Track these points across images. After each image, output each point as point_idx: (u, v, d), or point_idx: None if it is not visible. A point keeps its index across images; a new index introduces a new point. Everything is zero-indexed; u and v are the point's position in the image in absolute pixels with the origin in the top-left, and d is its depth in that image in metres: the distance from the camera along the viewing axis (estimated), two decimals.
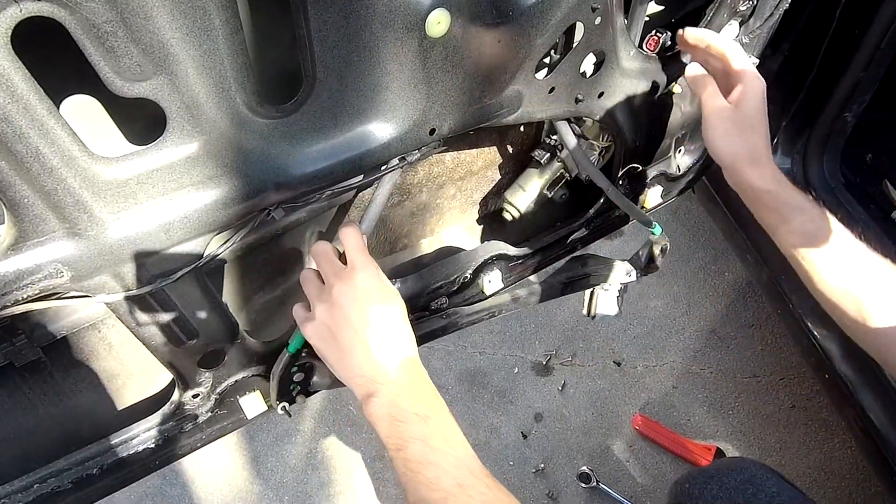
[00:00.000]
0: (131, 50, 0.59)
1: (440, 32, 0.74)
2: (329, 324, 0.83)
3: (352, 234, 0.85)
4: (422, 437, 0.77)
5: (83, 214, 0.67)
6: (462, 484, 0.75)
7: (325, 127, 0.78)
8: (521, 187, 1.23)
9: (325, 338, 0.84)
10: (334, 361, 0.84)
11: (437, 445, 0.77)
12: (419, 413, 0.78)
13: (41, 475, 0.99)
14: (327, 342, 0.84)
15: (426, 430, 0.78)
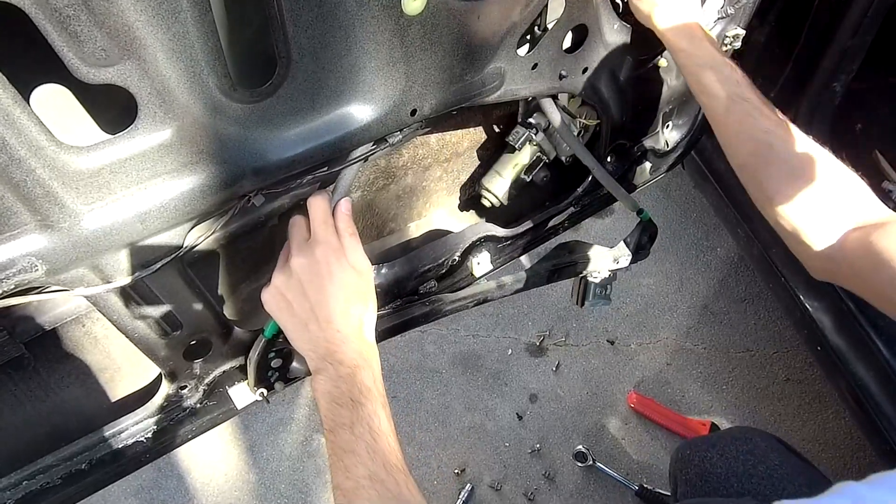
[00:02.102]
0: (95, 34, 0.57)
1: (417, 9, 0.72)
2: (286, 294, 0.82)
3: (317, 205, 0.83)
4: (349, 424, 0.77)
5: (55, 206, 0.66)
6: (373, 476, 0.74)
7: (302, 110, 0.76)
8: (498, 173, 1.19)
9: (282, 307, 0.83)
10: (290, 332, 0.84)
11: (360, 434, 0.76)
12: (354, 398, 0.78)
13: (30, 472, 0.98)
14: (283, 312, 0.83)
15: (354, 417, 0.77)
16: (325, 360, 0.80)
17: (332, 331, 0.80)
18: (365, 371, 0.80)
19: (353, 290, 0.81)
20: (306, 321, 0.81)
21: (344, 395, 0.78)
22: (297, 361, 1.07)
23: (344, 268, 0.81)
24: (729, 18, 1.19)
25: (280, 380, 1.08)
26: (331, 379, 0.80)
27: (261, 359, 1.01)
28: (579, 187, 1.30)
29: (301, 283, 0.80)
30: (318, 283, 0.80)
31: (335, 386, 0.79)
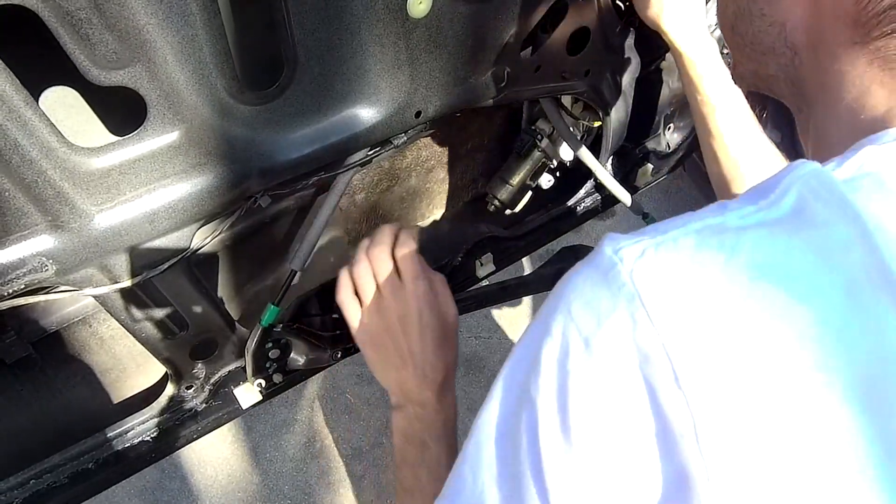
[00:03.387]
0: (107, 37, 0.58)
1: (422, 12, 0.73)
2: (380, 335, 0.83)
3: (406, 246, 0.83)
4: (414, 463, 0.80)
5: (65, 207, 0.66)
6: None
7: (308, 112, 0.77)
8: (503, 180, 1.20)
9: (376, 347, 0.85)
10: (376, 367, 0.86)
11: (420, 476, 0.79)
12: (423, 441, 0.80)
13: (37, 471, 0.99)
14: (377, 351, 0.85)
15: (419, 459, 0.80)
16: (408, 399, 0.82)
17: (420, 376, 0.81)
18: (439, 416, 0.81)
19: (443, 339, 0.83)
20: (398, 365, 0.82)
21: (416, 436, 0.81)
22: (295, 352, 1.08)
23: (436, 317, 0.82)
24: None
25: (279, 371, 1.09)
26: (407, 418, 0.82)
27: (258, 348, 1.01)
28: (581, 189, 1.31)
29: (395, 327, 0.82)
30: (412, 330, 0.81)
31: (410, 425, 0.82)
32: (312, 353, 1.12)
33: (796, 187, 0.40)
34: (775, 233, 0.39)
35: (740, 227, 0.40)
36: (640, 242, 0.41)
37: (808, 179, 0.41)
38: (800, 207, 0.40)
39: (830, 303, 0.37)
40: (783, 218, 0.40)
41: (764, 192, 0.41)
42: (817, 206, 0.39)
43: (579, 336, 0.41)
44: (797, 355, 0.36)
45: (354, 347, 1.20)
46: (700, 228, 0.40)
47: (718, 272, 0.38)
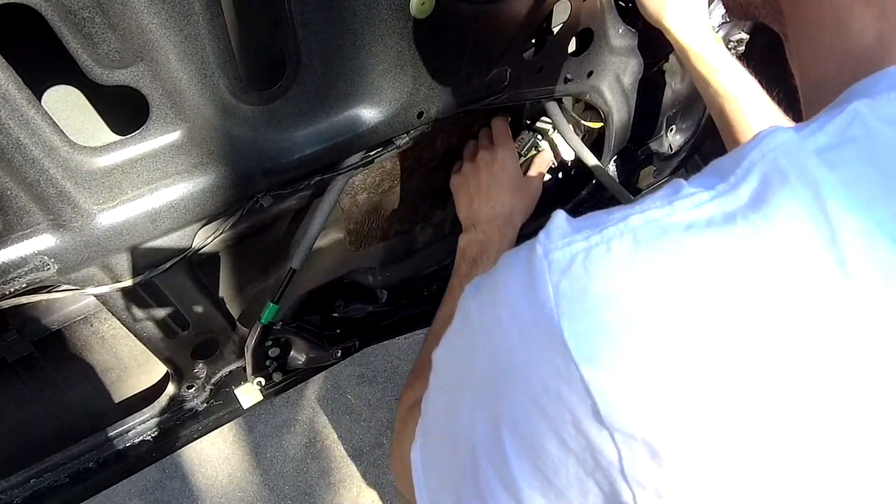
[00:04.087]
0: (109, 37, 0.58)
1: (425, 12, 0.73)
2: (467, 175, 1.05)
3: (499, 122, 1.08)
4: (462, 274, 0.96)
5: (67, 206, 0.66)
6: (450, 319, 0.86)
7: (311, 112, 0.77)
8: None
9: (461, 184, 1.06)
10: (460, 202, 1.07)
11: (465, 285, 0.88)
12: (476, 259, 0.96)
13: (37, 470, 0.99)
14: (461, 187, 1.06)
15: (467, 272, 0.96)
16: (473, 225, 1.02)
17: (488, 207, 1.02)
18: (494, 243, 0.98)
19: (515, 185, 1.03)
20: (473, 196, 1.04)
21: (469, 254, 0.98)
22: (295, 350, 1.08)
23: (513, 168, 1.04)
24: (733, 23, 1.20)
25: (279, 370, 1.09)
26: (469, 239, 1.00)
27: (257, 346, 1.01)
28: (583, 190, 1.30)
29: (479, 170, 1.03)
30: (491, 173, 1.02)
31: (469, 245, 1.00)
32: (313, 351, 1.12)
33: (760, 167, 0.34)
34: (725, 236, 0.33)
35: (687, 224, 0.34)
36: (572, 246, 0.36)
37: (775, 156, 0.34)
38: (761, 195, 0.33)
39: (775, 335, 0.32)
40: (739, 211, 0.33)
41: (724, 171, 0.36)
42: (782, 195, 0.33)
43: (508, 353, 0.38)
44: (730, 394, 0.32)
45: (355, 346, 1.20)
46: (640, 225, 0.35)
47: (649, 290, 0.33)
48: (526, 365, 0.37)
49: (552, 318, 0.35)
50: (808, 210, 0.32)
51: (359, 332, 1.19)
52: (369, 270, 1.20)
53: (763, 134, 0.35)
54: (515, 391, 0.38)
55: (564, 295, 0.35)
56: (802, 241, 0.32)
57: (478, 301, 0.42)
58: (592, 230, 0.36)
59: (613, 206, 0.39)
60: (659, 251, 0.34)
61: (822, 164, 0.33)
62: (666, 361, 0.32)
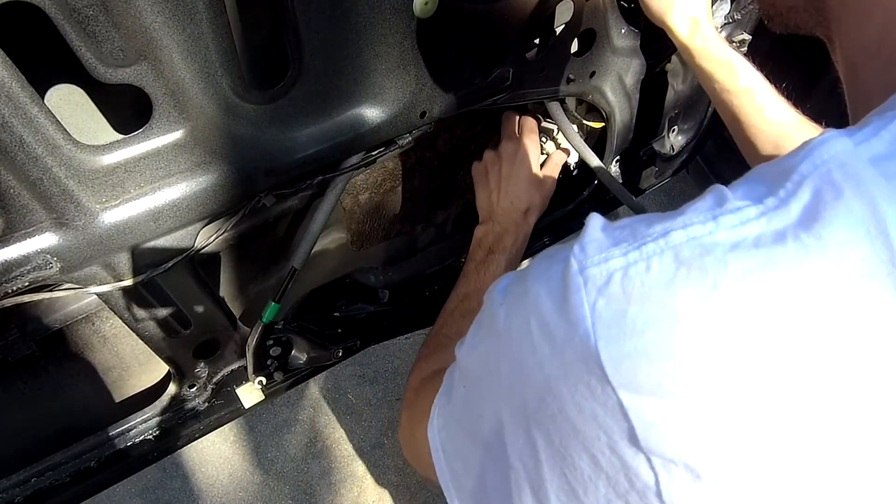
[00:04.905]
0: (113, 35, 0.58)
1: (428, 12, 0.73)
2: (488, 166, 1.08)
3: (527, 117, 1.10)
4: (477, 262, 1.00)
5: (70, 204, 0.66)
6: (466, 295, 0.95)
7: (314, 111, 0.77)
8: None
9: (481, 174, 1.09)
10: (479, 192, 1.09)
11: (478, 270, 0.98)
12: (491, 249, 1.00)
13: (39, 469, 0.99)
14: (481, 178, 1.08)
15: (482, 260, 0.99)
16: (490, 216, 1.05)
17: (506, 201, 1.04)
18: (510, 236, 1.02)
19: (534, 181, 1.05)
20: (493, 189, 1.06)
21: (486, 244, 1.02)
22: (297, 350, 1.08)
23: (534, 163, 1.06)
24: (735, 24, 1.20)
25: (280, 369, 1.09)
26: (486, 231, 1.04)
27: (259, 345, 1.01)
28: (585, 191, 1.30)
29: (500, 162, 1.05)
30: (511, 166, 1.04)
31: (485, 235, 1.03)
32: (314, 351, 1.12)
33: (812, 180, 0.31)
34: (774, 258, 0.31)
35: (733, 244, 0.32)
36: (609, 262, 0.35)
37: (829, 168, 0.31)
38: (813, 212, 0.31)
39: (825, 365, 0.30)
40: (789, 230, 0.31)
41: (773, 182, 0.33)
42: (836, 212, 0.30)
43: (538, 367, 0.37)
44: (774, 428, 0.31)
45: (356, 346, 1.20)
46: (682, 243, 0.33)
47: (691, 315, 0.31)
48: (558, 382, 0.35)
49: (588, 339, 0.33)
50: (865, 229, 0.30)
51: (360, 331, 1.19)
52: (371, 270, 1.20)
53: (815, 143, 0.33)
54: (546, 405, 0.37)
55: (601, 316, 0.33)
56: (859, 265, 0.30)
57: (506, 307, 0.41)
58: (631, 245, 0.35)
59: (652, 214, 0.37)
60: (702, 273, 0.32)
61: (879, 177, 0.30)
62: (708, 388, 0.31)
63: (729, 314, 0.31)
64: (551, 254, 0.40)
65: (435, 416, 0.52)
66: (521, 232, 1.03)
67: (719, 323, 0.31)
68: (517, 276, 0.42)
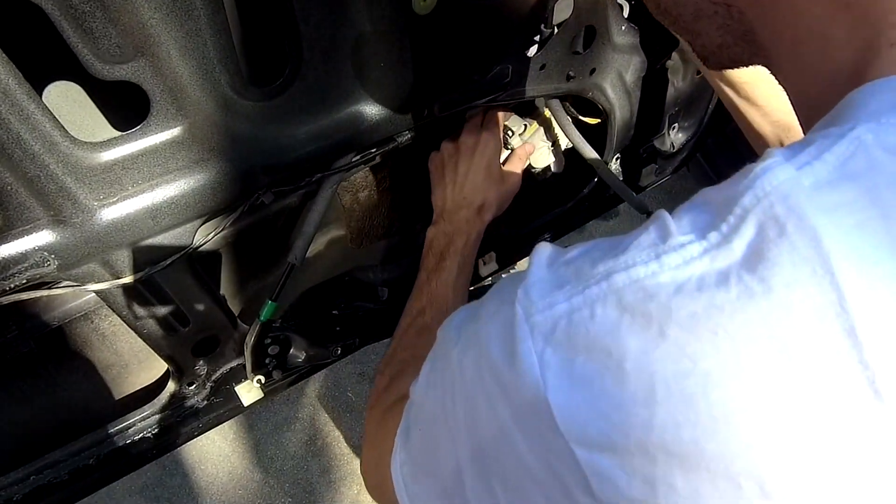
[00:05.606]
0: (110, 31, 0.58)
1: (427, 8, 0.72)
2: (445, 157, 1.01)
3: (491, 113, 1.03)
4: (429, 269, 0.93)
5: (68, 201, 0.66)
6: (420, 310, 0.88)
7: (313, 108, 0.76)
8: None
9: (437, 166, 1.02)
10: (434, 186, 1.02)
11: (431, 280, 0.91)
12: (442, 253, 0.93)
13: (37, 467, 0.99)
14: (437, 169, 1.02)
15: (434, 266, 0.93)
16: (442, 215, 0.98)
17: (460, 197, 0.97)
18: (461, 236, 0.95)
19: (492, 175, 0.99)
20: (447, 183, 0.99)
21: (438, 248, 0.95)
22: (295, 348, 1.08)
23: (493, 157, 0.99)
24: None
25: (278, 368, 1.08)
26: (437, 232, 0.97)
27: (257, 343, 1.01)
28: (585, 188, 1.30)
29: (459, 154, 0.99)
30: (469, 159, 0.98)
31: (436, 237, 0.96)
32: (313, 349, 1.12)
33: (755, 215, 0.30)
34: (718, 303, 0.30)
35: (677, 286, 0.31)
36: (553, 309, 0.34)
37: (771, 202, 0.30)
38: (757, 251, 0.30)
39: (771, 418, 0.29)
40: (733, 270, 0.30)
41: (717, 213, 0.32)
42: (780, 250, 0.29)
43: (492, 413, 0.37)
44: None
45: (355, 344, 1.20)
46: (625, 286, 0.32)
47: (635, 365, 0.31)
48: (511, 429, 0.35)
49: (538, 388, 0.33)
50: (810, 268, 0.29)
51: (359, 329, 1.19)
52: (370, 268, 1.19)
53: (757, 171, 0.32)
54: (501, 450, 0.37)
55: (549, 365, 0.33)
56: (805, 307, 0.29)
57: (459, 349, 0.41)
58: (575, 288, 0.34)
59: (599, 243, 0.37)
60: (645, 320, 0.31)
61: (820, 210, 0.29)
62: (657, 440, 0.30)
63: (675, 364, 0.30)
64: (499, 294, 0.40)
65: (397, 452, 0.52)
66: (474, 231, 0.97)
67: (664, 373, 0.30)
68: (470, 314, 0.42)
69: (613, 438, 0.31)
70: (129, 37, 0.59)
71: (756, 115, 0.94)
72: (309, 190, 0.89)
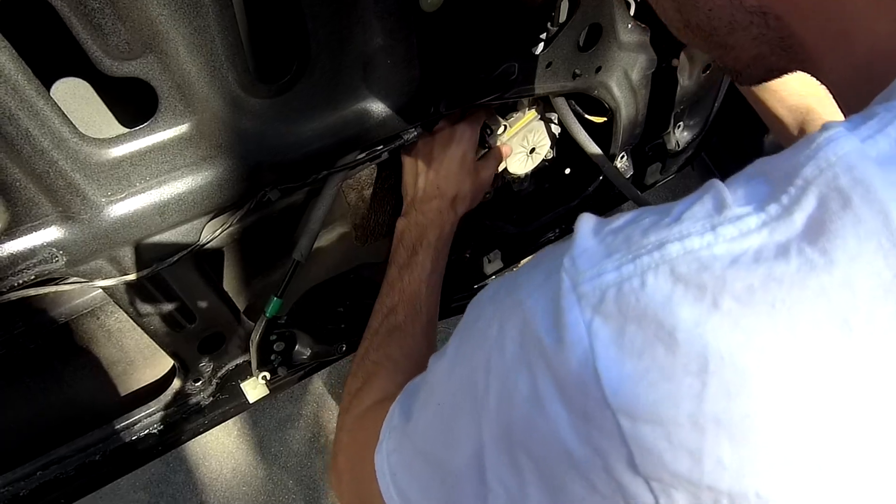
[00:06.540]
0: (119, 28, 0.58)
1: (434, 6, 0.73)
2: (420, 146, 0.96)
3: (472, 111, 0.99)
4: (400, 264, 0.89)
5: (76, 197, 0.66)
6: (392, 308, 0.85)
7: (319, 105, 0.76)
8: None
9: (411, 155, 0.97)
10: (406, 174, 0.98)
11: (403, 275, 0.88)
12: (414, 246, 0.90)
13: (44, 462, 0.99)
14: (410, 158, 0.98)
15: (406, 261, 0.89)
16: (413, 205, 0.95)
17: (432, 186, 0.94)
18: (434, 229, 0.91)
19: (465, 167, 0.95)
20: (420, 172, 0.96)
21: (409, 240, 0.91)
22: (300, 345, 1.08)
23: (468, 148, 0.96)
24: None
25: (283, 364, 1.08)
26: (408, 223, 0.93)
27: (262, 340, 1.01)
28: (590, 186, 1.30)
29: (433, 142, 0.95)
30: (444, 149, 0.94)
31: (407, 229, 0.93)
32: (317, 346, 1.12)
33: (817, 186, 0.29)
34: (776, 275, 0.29)
35: (733, 258, 0.30)
36: (602, 277, 0.33)
37: (835, 173, 0.29)
38: (819, 223, 0.29)
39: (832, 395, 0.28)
40: (793, 242, 0.29)
41: (775, 184, 0.31)
42: (844, 223, 0.28)
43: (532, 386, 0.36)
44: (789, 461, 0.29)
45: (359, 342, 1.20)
46: (678, 256, 0.31)
47: (688, 337, 0.30)
48: (553, 404, 0.34)
49: (587, 359, 0.32)
50: (876, 241, 0.27)
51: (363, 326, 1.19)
52: (375, 265, 1.20)
53: (821, 142, 0.30)
54: (535, 425, 0.36)
55: (598, 335, 0.32)
56: (871, 281, 0.27)
57: (498, 322, 0.39)
58: (625, 257, 0.33)
59: (646, 212, 0.35)
60: (699, 290, 0.30)
61: (888, 183, 0.28)
62: (706, 412, 0.30)
63: (729, 336, 0.29)
64: (542, 263, 0.38)
65: (385, 440, 0.50)
66: (448, 223, 0.94)
67: (718, 344, 0.29)
68: (507, 287, 0.41)
69: (663, 409, 0.30)
70: (137, 33, 0.59)
71: (772, 100, 0.93)
72: (315, 187, 0.90)
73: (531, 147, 1.13)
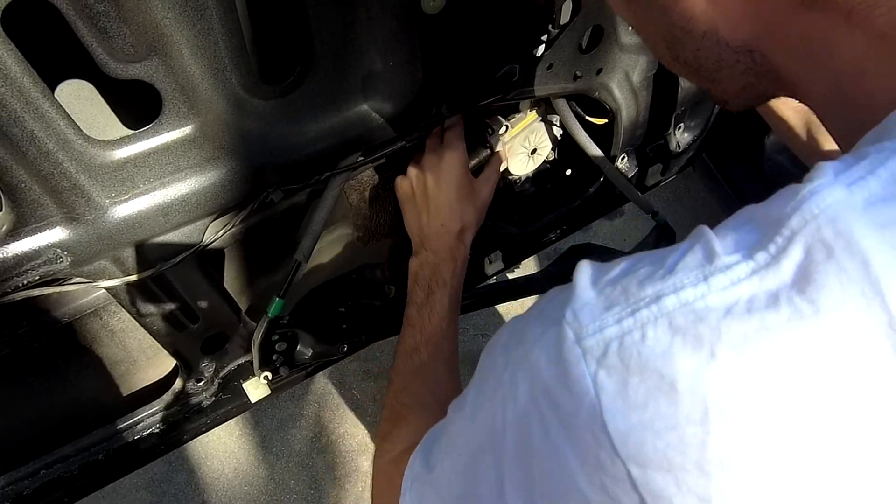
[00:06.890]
0: (124, 31, 0.58)
1: (437, 8, 0.73)
2: (413, 184, 0.95)
3: (454, 121, 0.96)
4: (419, 303, 0.89)
5: (81, 199, 0.67)
6: (414, 348, 0.85)
7: (322, 107, 0.77)
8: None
9: (407, 194, 0.96)
10: (406, 215, 0.98)
11: (422, 314, 0.89)
12: (430, 285, 0.90)
13: (47, 461, 1.00)
14: (408, 198, 0.97)
15: (424, 300, 0.89)
16: (423, 245, 0.94)
17: (437, 224, 0.93)
18: (447, 265, 0.91)
19: (463, 194, 0.94)
20: (421, 210, 0.95)
21: (424, 280, 0.91)
22: (302, 345, 1.08)
23: (465, 177, 0.94)
24: None
25: (285, 364, 1.09)
26: (421, 262, 0.93)
27: (264, 340, 1.02)
28: (591, 187, 1.30)
29: (425, 176, 0.93)
30: (439, 182, 0.93)
31: (421, 269, 0.92)
32: (319, 346, 1.12)
33: (803, 237, 0.31)
34: (768, 324, 0.30)
35: (726, 308, 0.31)
36: (604, 332, 0.35)
37: (819, 225, 0.30)
38: (805, 273, 0.30)
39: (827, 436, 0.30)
40: (783, 291, 0.30)
41: (763, 233, 0.33)
42: (828, 273, 0.29)
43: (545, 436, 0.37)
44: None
45: (361, 342, 1.21)
46: (675, 309, 0.33)
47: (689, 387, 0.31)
48: (565, 453, 0.36)
49: (595, 411, 0.34)
50: (859, 290, 0.29)
51: (366, 327, 1.20)
52: (377, 266, 1.20)
53: (805, 194, 0.32)
54: (552, 475, 0.37)
55: (604, 387, 0.34)
56: (855, 329, 0.29)
57: (510, 373, 0.41)
58: (624, 310, 0.35)
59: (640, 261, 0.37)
60: (697, 341, 0.32)
61: (872, 228, 0.30)
62: (712, 458, 0.31)
63: (727, 384, 0.31)
64: (545, 314, 0.40)
65: (408, 491, 0.52)
66: (459, 257, 0.93)
67: (718, 393, 0.31)
68: (516, 337, 0.42)
69: (670, 456, 0.32)
70: (142, 36, 0.59)
71: (777, 101, 0.94)
72: (317, 188, 0.90)
73: (532, 148, 1.13)
